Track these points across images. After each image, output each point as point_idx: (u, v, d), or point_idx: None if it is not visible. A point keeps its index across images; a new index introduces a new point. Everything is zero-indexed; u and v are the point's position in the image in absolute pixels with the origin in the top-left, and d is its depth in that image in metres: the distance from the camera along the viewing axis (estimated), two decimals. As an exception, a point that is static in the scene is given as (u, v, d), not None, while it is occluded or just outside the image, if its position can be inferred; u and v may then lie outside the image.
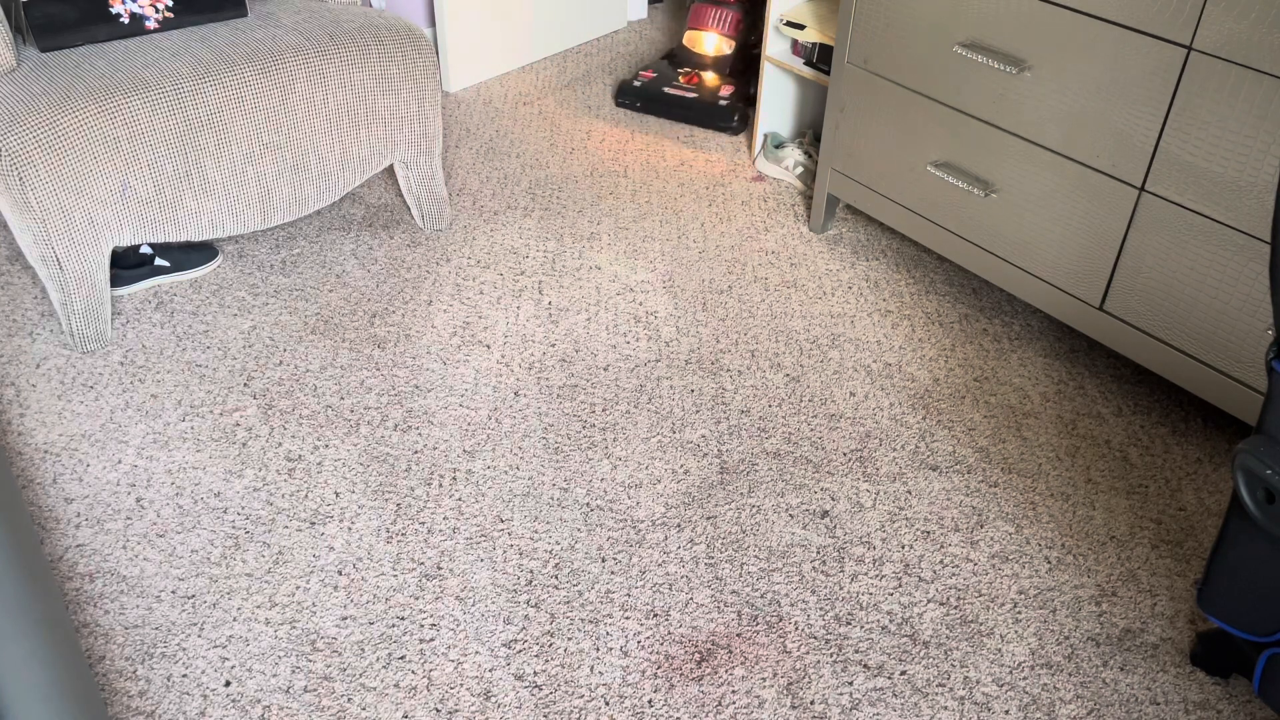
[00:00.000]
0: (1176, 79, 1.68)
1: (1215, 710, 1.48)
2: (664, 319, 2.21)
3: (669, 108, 2.94)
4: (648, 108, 2.97)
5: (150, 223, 2.01)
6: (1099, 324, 1.96)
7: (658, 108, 2.95)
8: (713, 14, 2.95)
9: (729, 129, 2.90)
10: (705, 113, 2.91)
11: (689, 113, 2.92)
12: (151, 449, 1.86)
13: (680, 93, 2.93)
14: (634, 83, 2.97)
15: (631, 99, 2.97)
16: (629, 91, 2.97)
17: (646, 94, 2.95)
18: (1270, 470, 1.23)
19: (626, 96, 2.98)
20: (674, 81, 2.98)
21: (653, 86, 2.96)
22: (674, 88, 2.95)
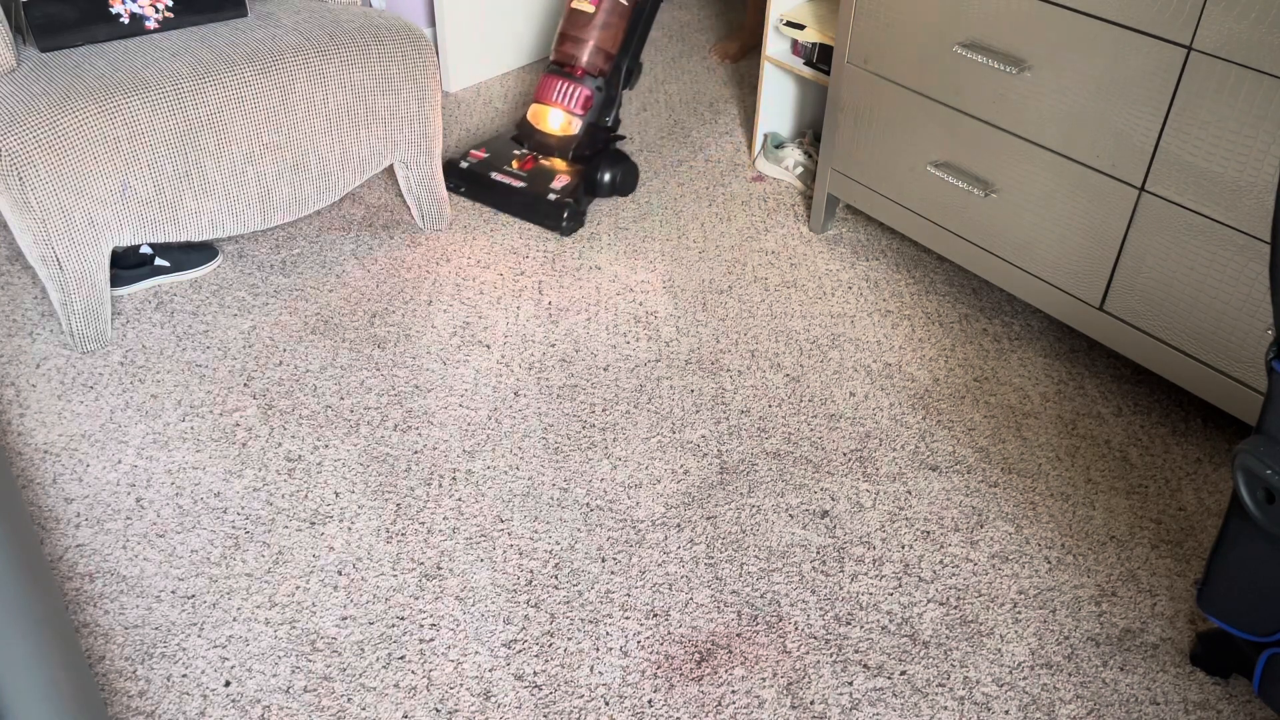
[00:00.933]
0: (1176, 79, 1.68)
1: (1215, 710, 1.48)
2: (664, 319, 2.21)
3: (496, 197, 2.53)
4: (474, 193, 2.56)
5: (150, 223, 2.01)
6: (1099, 324, 1.96)
7: (485, 195, 2.55)
8: (559, 87, 2.52)
9: (558, 228, 2.47)
10: (531, 208, 2.49)
11: (516, 205, 2.52)
12: (151, 449, 1.86)
13: (508, 179, 2.52)
14: (460, 163, 2.57)
15: (456, 182, 2.58)
16: (454, 173, 2.57)
17: (473, 178, 2.55)
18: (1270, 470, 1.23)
19: (451, 178, 2.58)
20: (506, 165, 2.56)
21: (480, 169, 2.55)
22: (504, 173, 2.54)
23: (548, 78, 2.53)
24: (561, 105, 2.52)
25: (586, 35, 2.47)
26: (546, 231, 2.48)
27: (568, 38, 2.50)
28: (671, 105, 3.08)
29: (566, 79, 2.51)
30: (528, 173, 2.53)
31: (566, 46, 2.50)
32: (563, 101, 2.52)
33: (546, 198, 2.47)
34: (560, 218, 2.45)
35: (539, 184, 2.50)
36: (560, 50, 2.51)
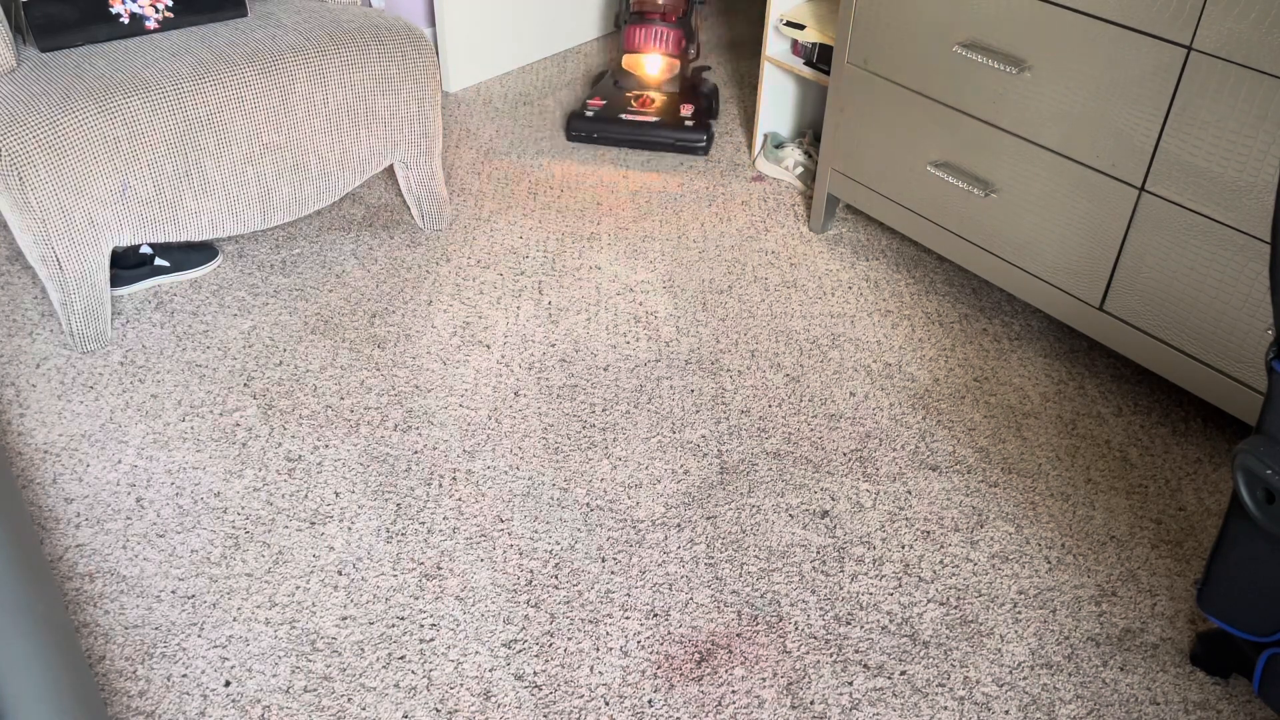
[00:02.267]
0: (1176, 79, 1.68)
1: (1215, 710, 1.48)
2: (664, 319, 2.21)
3: (631, 133, 2.74)
4: (607, 136, 2.76)
5: (150, 223, 2.01)
6: (1099, 324, 1.96)
7: (619, 134, 2.75)
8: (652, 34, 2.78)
9: (699, 149, 2.74)
10: (670, 137, 2.73)
11: (653, 138, 2.74)
12: (151, 449, 1.86)
13: (639, 117, 2.74)
14: (585, 113, 2.77)
15: (585, 130, 2.77)
16: (580, 122, 2.76)
17: (603, 122, 2.75)
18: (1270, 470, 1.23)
19: (578, 128, 2.77)
20: (629, 107, 2.78)
21: (609, 114, 2.76)
22: (630, 113, 2.76)
23: (635, 28, 2.78)
24: (660, 49, 2.79)
25: None
26: (549, 234, 2.48)
27: None
28: (671, 105, 3.08)
29: (655, 25, 2.77)
30: (652, 109, 2.77)
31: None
32: (660, 46, 2.78)
33: (684, 125, 2.73)
34: (702, 139, 2.72)
35: (669, 115, 2.76)
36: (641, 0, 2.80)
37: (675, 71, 2.83)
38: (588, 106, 2.78)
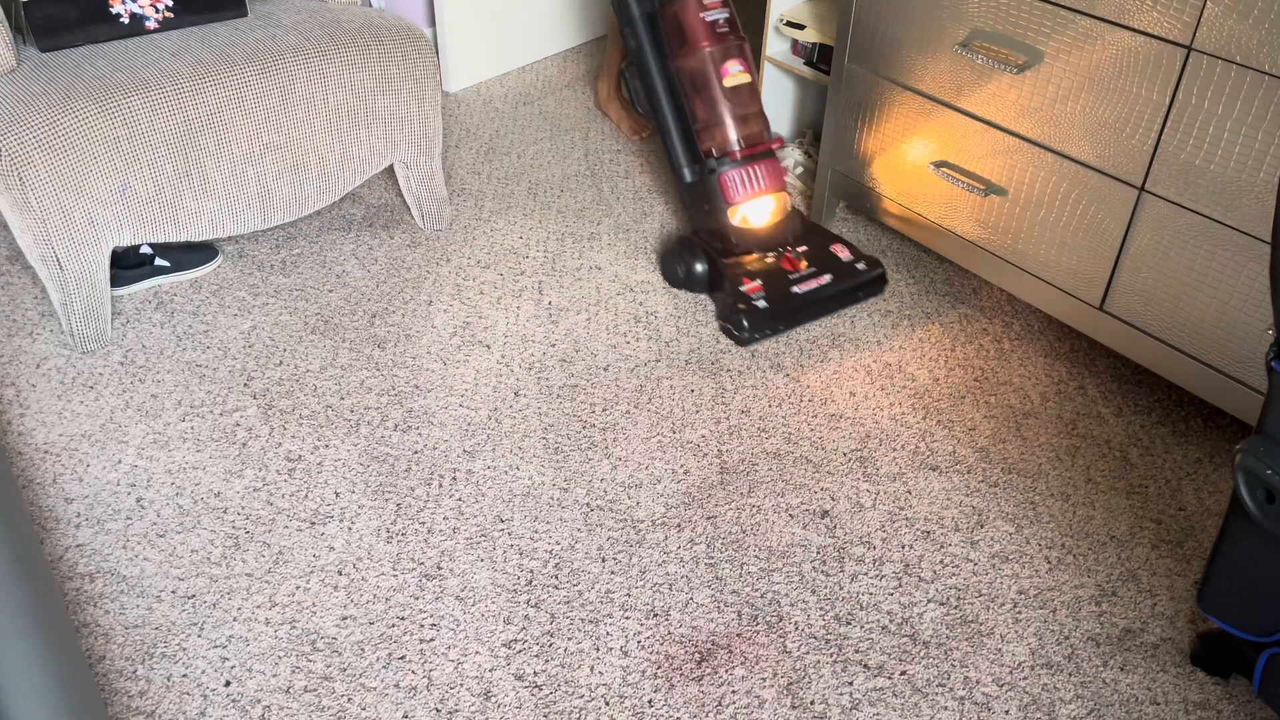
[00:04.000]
0: (1176, 79, 1.68)
1: (1215, 710, 1.48)
2: (664, 319, 2.21)
3: (815, 306, 2.17)
4: (794, 320, 2.16)
5: (150, 223, 2.01)
6: (1099, 324, 1.96)
7: (806, 313, 2.17)
8: (763, 171, 2.20)
9: (882, 286, 2.27)
10: (852, 290, 2.21)
11: (835, 300, 2.20)
12: (151, 449, 1.86)
13: (808, 285, 2.16)
14: (755, 304, 2.09)
15: (768, 326, 2.12)
16: (761, 318, 2.10)
17: (782, 308, 2.13)
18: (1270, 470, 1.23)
19: (761, 325, 2.11)
20: (787, 275, 2.17)
21: (779, 295, 2.13)
22: (796, 283, 2.15)
23: (741, 171, 2.18)
24: (774, 188, 2.23)
25: (758, 104, 2.21)
26: (549, 234, 2.48)
27: (746, 117, 2.19)
28: (671, 105, 3.08)
29: (761, 160, 2.21)
30: (810, 266, 2.20)
31: (751, 126, 2.20)
32: (774, 183, 2.23)
33: (855, 269, 2.21)
34: (880, 270, 2.24)
35: (832, 265, 2.21)
36: (745, 133, 2.19)
37: (790, 206, 2.29)
38: (749, 295, 2.11)
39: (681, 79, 2.21)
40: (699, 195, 2.25)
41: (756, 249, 2.22)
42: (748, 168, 2.19)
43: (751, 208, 2.23)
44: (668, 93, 2.25)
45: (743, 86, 2.18)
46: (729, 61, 2.15)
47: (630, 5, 2.23)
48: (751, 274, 2.16)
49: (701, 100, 2.18)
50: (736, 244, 2.21)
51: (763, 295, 2.12)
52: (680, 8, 2.16)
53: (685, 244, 2.24)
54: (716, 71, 2.15)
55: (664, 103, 2.26)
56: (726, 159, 2.18)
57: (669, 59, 2.22)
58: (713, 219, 2.24)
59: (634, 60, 2.26)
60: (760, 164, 2.20)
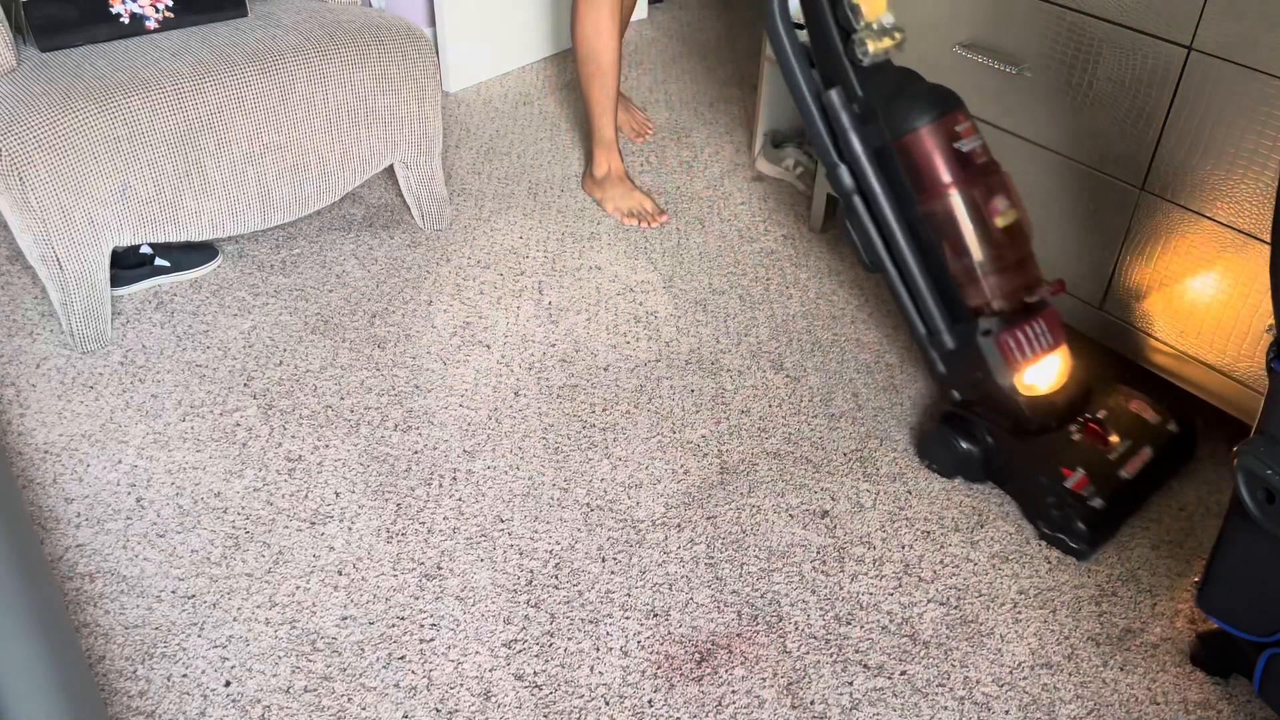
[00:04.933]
0: (1176, 79, 1.68)
1: (1215, 710, 1.48)
2: (664, 319, 2.21)
3: (1150, 484, 1.80)
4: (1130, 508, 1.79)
5: (150, 223, 2.01)
6: (1099, 324, 1.96)
7: (1142, 496, 1.80)
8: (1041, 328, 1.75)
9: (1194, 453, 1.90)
10: (1172, 457, 1.83)
11: (1169, 471, 1.84)
12: (151, 449, 1.86)
13: (1136, 461, 1.75)
14: (1090, 503, 1.68)
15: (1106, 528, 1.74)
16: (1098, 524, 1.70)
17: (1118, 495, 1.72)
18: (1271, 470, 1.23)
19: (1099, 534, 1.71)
20: (1110, 456, 1.74)
21: (1109, 488, 1.70)
22: (1124, 463, 1.74)
23: (1021, 328, 1.73)
24: (1059, 343, 1.77)
25: (1030, 244, 1.77)
26: (549, 234, 2.48)
27: (1022, 261, 1.74)
28: (671, 105, 3.08)
29: (1039, 311, 1.76)
30: (1127, 437, 1.78)
31: (1027, 272, 1.75)
32: (1059, 337, 1.77)
33: (1170, 432, 1.82)
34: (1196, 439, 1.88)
35: (1144, 432, 1.80)
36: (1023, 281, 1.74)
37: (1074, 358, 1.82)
38: (1080, 494, 1.69)
39: (933, 225, 1.73)
40: (965, 363, 1.78)
41: (1054, 422, 1.77)
42: (1028, 323, 1.74)
43: (1038, 371, 1.76)
44: (911, 244, 1.77)
45: (1014, 226, 1.74)
46: (995, 198, 1.71)
47: (851, 140, 1.74)
48: (1068, 461, 1.72)
49: (966, 248, 1.71)
50: (1030, 419, 1.75)
51: (1094, 490, 1.69)
52: (924, 139, 1.69)
53: (957, 423, 1.81)
54: (984, 212, 1.70)
55: (908, 257, 1.77)
56: (1001, 316, 1.73)
57: (911, 202, 1.74)
58: (990, 390, 1.76)
59: (855, 207, 1.79)
60: (1041, 316, 1.76)
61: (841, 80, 1.74)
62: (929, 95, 1.70)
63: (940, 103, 1.69)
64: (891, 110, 1.70)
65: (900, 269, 1.81)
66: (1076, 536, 1.69)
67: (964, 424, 1.81)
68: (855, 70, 1.73)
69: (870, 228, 1.79)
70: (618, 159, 2.58)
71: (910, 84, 1.72)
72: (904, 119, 1.69)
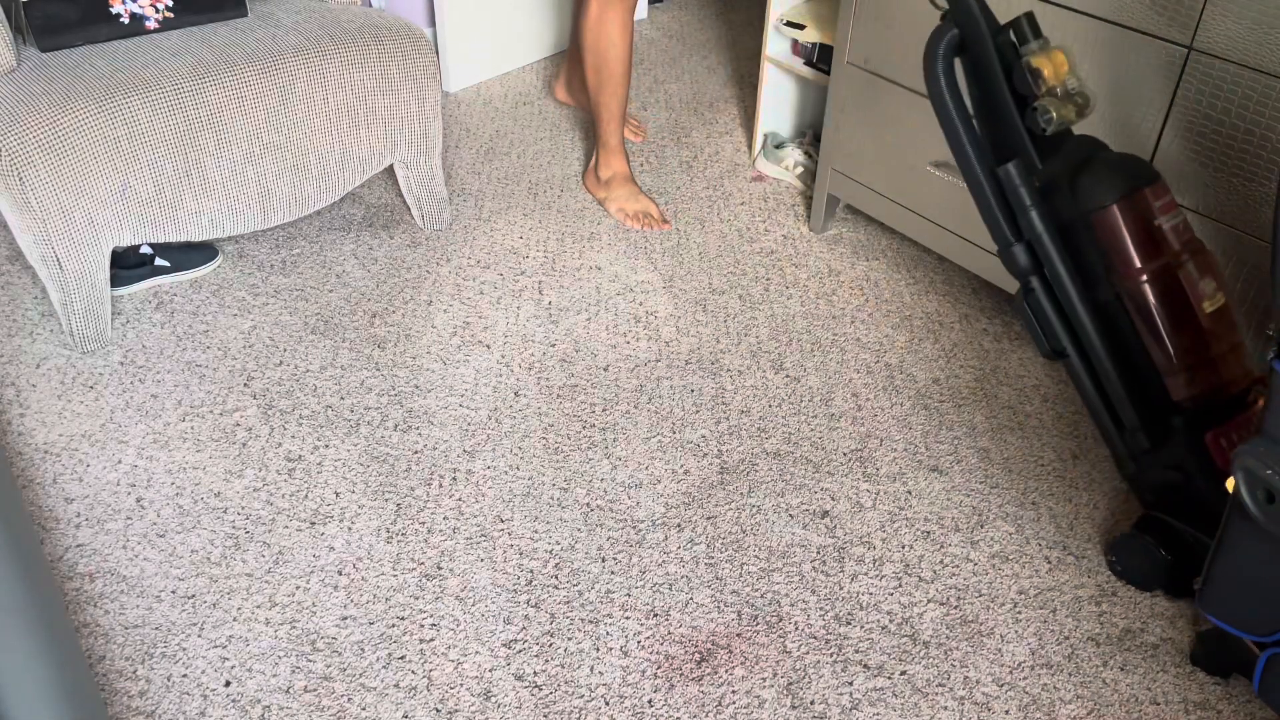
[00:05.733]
0: (1176, 79, 1.68)
1: (1215, 710, 1.48)
2: (664, 319, 2.21)
3: None
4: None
5: (150, 223, 2.01)
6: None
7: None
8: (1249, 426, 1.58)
9: None
10: None
11: None
12: (151, 449, 1.86)
13: None
14: None
15: None
16: None
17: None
18: (1270, 470, 1.23)
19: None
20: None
21: None
22: None
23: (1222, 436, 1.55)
24: None
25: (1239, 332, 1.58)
26: (549, 234, 2.48)
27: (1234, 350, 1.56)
28: (671, 105, 3.08)
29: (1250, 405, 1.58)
30: None
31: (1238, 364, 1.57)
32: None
33: None
34: None
35: None
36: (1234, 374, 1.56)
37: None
38: None
39: (1130, 310, 1.55)
40: (1164, 463, 1.61)
41: None
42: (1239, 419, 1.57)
43: None
44: (1100, 329, 1.58)
45: (1223, 311, 1.56)
46: (1204, 280, 1.54)
47: (1031, 219, 1.55)
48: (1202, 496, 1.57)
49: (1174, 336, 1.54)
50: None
51: None
52: (1124, 213, 1.51)
53: (1163, 531, 1.63)
54: (1193, 295, 1.53)
55: (1096, 344, 1.58)
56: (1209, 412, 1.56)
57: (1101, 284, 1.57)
58: (1189, 493, 1.59)
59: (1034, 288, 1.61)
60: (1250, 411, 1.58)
61: (1020, 152, 1.55)
62: (1124, 165, 1.52)
63: (1139, 173, 1.51)
64: (1080, 183, 1.51)
65: (1087, 357, 1.62)
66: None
67: (1177, 537, 1.60)
68: (1034, 140, 1.55)
69: (1051, 311, 1.60)
70: (624, 163, 2.58)
71: (1098, 153, 1.54)
72: (1099, 192, 1.50)
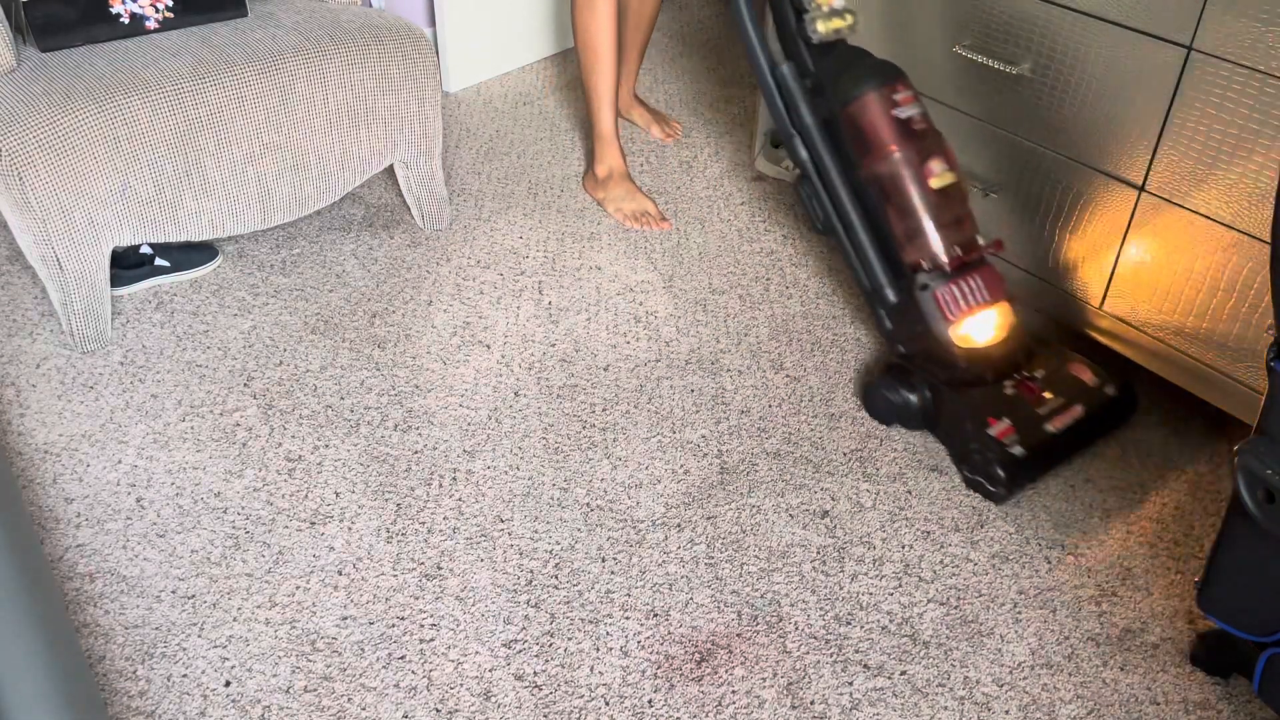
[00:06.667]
0: (1176, 79, 1.68)
1: (1215, 710, 1.48)
2: (664, 319, 2.21)
3: (1073, 441, 1.87)
4: (1051, 463, 1.87)
5: (150, 223, 2.01)
6: (1099, 324, 1.96)
7: (1065, 452, 1.88)
8: (984, 281, 1.86)
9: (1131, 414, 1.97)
10: (1106, 417, 1.92)
11: (1092, 431, 1.90)
12: (151, 449, 1.86)
13: (1062, 419, 1.84)
14: (1013, 452, 1.77)
15: (1031, 475, 1.83)
16: (1023, 470, 1.80)
17: (1040, 449, 1.81)
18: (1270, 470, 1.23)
19: (1017, 480, 1.80)
20: (1036, 409, 1.84)
21: (1034, 430, 1.81)
22: (1050, 420, 1.83)
23: (957, 283, 1.84)
24: (997, 299, 1.88)
25: (968, 205, 1.90)
26: (549, 234, 2.48)
27: (958, 220, 1.86)
28: (671, 105, 3.08)
29: (977, 268, 1.87)
30: (1058, 394, 1.87)
31: (964, 231, 1.87)
32: (997, 293, 1.88)
33: (1107, 394, 1.90)
34: (1133, 395, 1.95)
35: (1079, 392, 1.88)
36: (959, 239, 1.85)
37: (1015, 316, 1.92)
38: (1002, 441, 1.78)
39: (874, 188, 1.87)
40: (907, 317, 1.90)
41: (988, 375, 1.87)
42: (965, 279, 1.85)
43: (974, 324, 1.86)
44: (856, 206, 1.92)
45: (950, 187, 1.85)
46: (932, 160, 1.83)
47: (801, 113, 1.90)
48: (996, 411, 1.81)
49: (902, 208, 1.84)
50: (965, 370, 1.85)
51: (1016, 439, 1.78)
52: (865, 108, 1.82)
53: (898, 374, 1.92)
54: (919, 174, 1.82)
55: (853, 218, 1.92)
56: (938, 271, 1.84)
57: (855, 167, 1.89)
58: (927, 343, 1.88)
59: (809, 174, 1.95)
60: (978, 272, 1.86)
61: (794, 56, 1.92)
62: (872, 68, 1.84)
63: (882, 74, 1.82)
64: (839, 83, 1.84)
65: (847, 231, 1.95)
66: (994, 481, 1.78)
67: (905, 375, 1.91)
68: (808, 47, 1.90)
69: (822, 193, 1.95)
70: (619, 157, 2.58)
71: (858, 59, 1.86)
72: (849, 89, 1.83)
